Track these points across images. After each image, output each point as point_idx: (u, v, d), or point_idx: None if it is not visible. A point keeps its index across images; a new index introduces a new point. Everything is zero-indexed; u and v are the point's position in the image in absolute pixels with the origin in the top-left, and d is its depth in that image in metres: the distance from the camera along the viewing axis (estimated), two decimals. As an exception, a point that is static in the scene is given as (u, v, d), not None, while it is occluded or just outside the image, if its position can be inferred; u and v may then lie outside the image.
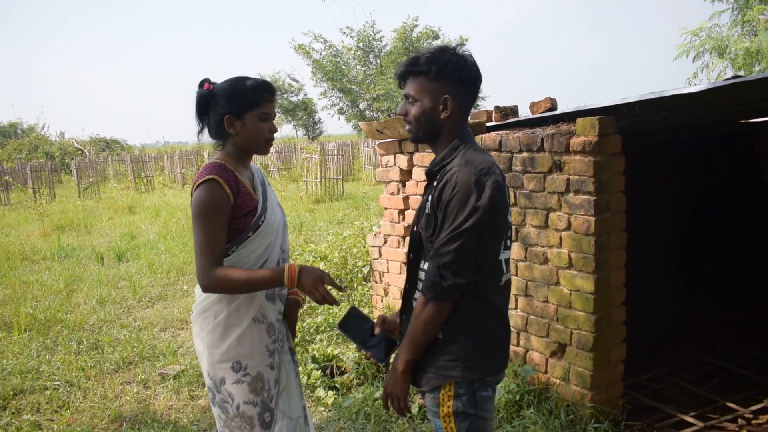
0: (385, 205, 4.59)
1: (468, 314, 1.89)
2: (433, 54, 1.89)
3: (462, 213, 1.78)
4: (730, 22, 13.33)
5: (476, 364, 1.90)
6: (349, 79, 36.13)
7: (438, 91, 1.89)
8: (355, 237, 7.34)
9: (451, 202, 1.80)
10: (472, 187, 1.79)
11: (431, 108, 1.90)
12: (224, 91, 2.18)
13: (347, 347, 4.65)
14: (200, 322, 2.24)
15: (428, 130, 1.96)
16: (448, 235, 1.80)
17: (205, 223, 2.08)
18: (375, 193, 16.42)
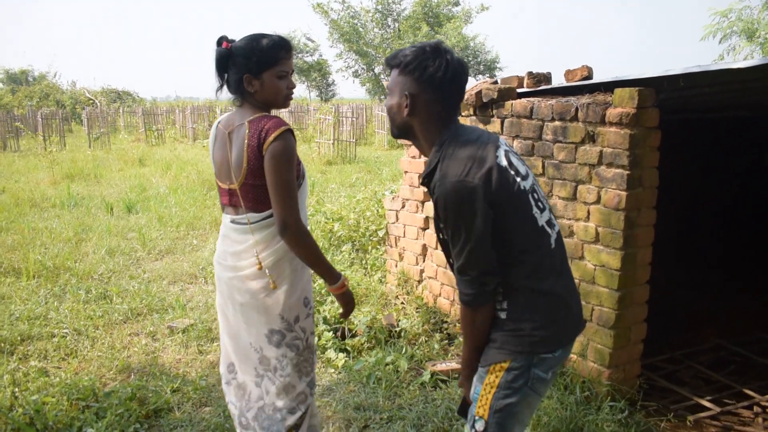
0: (406, 169, 4.48)
1: (525, 294, 1.86)
2: (408, 49, 1.86)
3: (460, 227, 1.77)
4: (762, 5, 12.96)
5: (533, 341, 1.85)
6: (366, 42, 35.63)
7: (403, 86, 1.86)
8: (368, 201, 7.23)
9: (447, 222, 1.80)
10: (456, 200, 1.75)
11: (397, 104, 1.89)
12: (241, 50, 2.22)
13: (359, 310, 4.60)
14: (277, 270, 2.29)
15: (397, 125, 1.95)
16: (458, 250, 1.80)
17: (288, 171, 2.17)
18: (388, 158, 16.29)
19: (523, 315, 1.85)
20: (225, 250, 2.36)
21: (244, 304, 2.33)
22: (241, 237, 2.30)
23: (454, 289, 4.17)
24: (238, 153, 2.23)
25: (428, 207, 4.32)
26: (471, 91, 3.68)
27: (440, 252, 4.25)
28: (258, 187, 2.23)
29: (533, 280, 1.85)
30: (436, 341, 3.99)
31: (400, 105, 1.88)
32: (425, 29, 34.16)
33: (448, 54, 1.84)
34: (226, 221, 2.37)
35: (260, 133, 2.17)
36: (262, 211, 2.26)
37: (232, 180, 2.25)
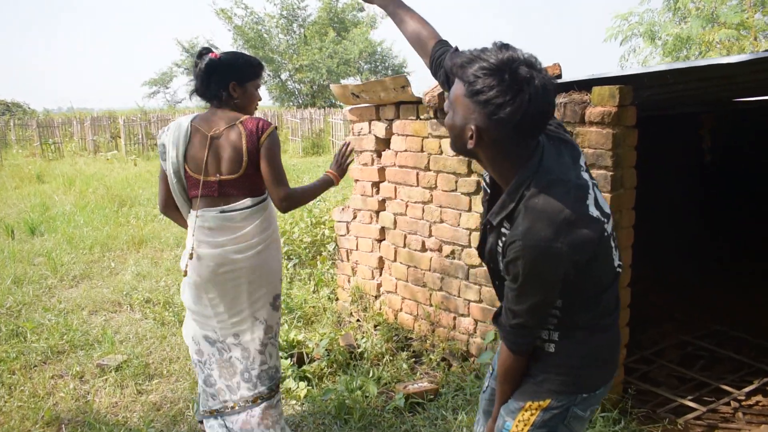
0: (356, 177, 4.19)
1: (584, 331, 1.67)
2: (485, 67, 1.45)
3: (532, 289, 1.54)
4: (662, 8, 13.64)
5: (580, 380, 1.68)
6: (272, 48, 34.92)
7: (469, 114, 1.49)
8: (299, 211, 6.89)
9: (517, 280, 1.53)
10: (539, 265, 1.49)
11: (460, 128, 1.54)
12: (230, 61, 2.64)
13: (312, 330, 4.26)
14: (273, 251, 2.76)
15: (460, 149, 1.61)
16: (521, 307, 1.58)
17: (279, 159, 2.62)
18: (305, 166, 15.90)
19: (575, 351, 1.67)
20: (230, 237, 2.61)
21: (254, 280, 2.68)
22: (246, 221, 2.62)
23: (417, 303, 3.93)
24: (235, 149, 2.56)
25: (383, 217, 4.06)
26: (432, 92, 3.45)
27: (400, 264, 4.00)
28: (254, 175, 2.60)
29: (598, 317, 1.68)
30: (403, 360, 3.73)
31: (463, 131, 1.54)
32: (332, 35, 33.94)
33: (533, 83, 1.43)
34: (210, 214, 2.61)
35: (257, 130, 2.56)
36: (257, 196, 2.65)
37: (226, 173, 2.57)
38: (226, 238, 2.60)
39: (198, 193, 2.59)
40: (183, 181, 2.64)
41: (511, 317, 1.63)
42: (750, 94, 4.03)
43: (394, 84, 3.56)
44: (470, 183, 3.46)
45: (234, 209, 2.60)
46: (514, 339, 1.66)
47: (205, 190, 2.59)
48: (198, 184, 2.59)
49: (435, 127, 3.58)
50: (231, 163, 2.56)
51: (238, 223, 2.61)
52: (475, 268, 3.54)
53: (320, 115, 22.09)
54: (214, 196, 2.60)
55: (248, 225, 2.62)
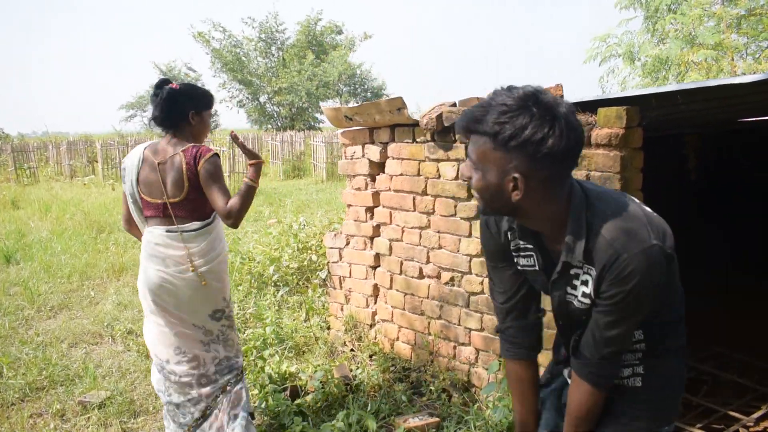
0: (349, 202, 4.07)
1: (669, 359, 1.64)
2: (507, 110, 1.35)
3: (641, 304, 1.47)
4: (642, 30, 13.84)
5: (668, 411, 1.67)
6: (250, 71, 34.88)
7: (505, 165, 1.39)
8: (285, 236, 6.75)
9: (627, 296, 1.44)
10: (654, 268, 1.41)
11: (497, 185, 1.43)
12: (189, 92, 2.92)
13: (304, 361, 4.11)
14: (222, 264, 2.98)
15: (498, 208, 1.51)
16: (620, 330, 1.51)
17: (220, 178, 2.82)
18: (286, 189, 15.78)
19: (662, 381, 1.62)
20: (166, 256, 2.83)
21: (194, 298, 2.88)
22: (178, 244, 2.84)
23: (415, 332, 3.80)
24: (177, 176, 2.81)
25: (378, 243, 3.93)
26: (430, 114, 3.36)
27: (396, 292, 3.87)
28: (196, 200, 2.84)
29: (679, 342, 1.63)
30: (401, 392, 3.59)
31: (501, 187, 1.43)
32: (311, 57, 34.02)
33: (561, 107, 1.37)
34: (158, 232, 2.85)
35: (195, 158, 2.80)
36: (203, 220, 2.89)
37: (171, 196, 2.83)
38: (172, 254, 2.84)
39: (151, 214, 2.90)
40: (138, 203, 2.93)
41: (603, 347, 1.54)
42: (755, 114, 4.01)
43: (390, 106, 3.47)
44: (470, 208, 3.36)
45: (180, 230, 2.85)
46: (602, 372, 1.57)
47: (155, 211, 2.88)
48: (150, 205, 2.89)
49: (432, 150, 3.48)
50: (174, 187, 2.83)
51: (174, 243, 2.84)
52: (476, 295, 3.42)
53: (301, 138, 21.99)
54: (161, 217, 2.87)
55: (193, 246, 2.86)
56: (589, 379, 1.57)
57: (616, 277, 1.41)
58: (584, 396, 1.59)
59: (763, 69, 11.12)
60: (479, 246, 3.36)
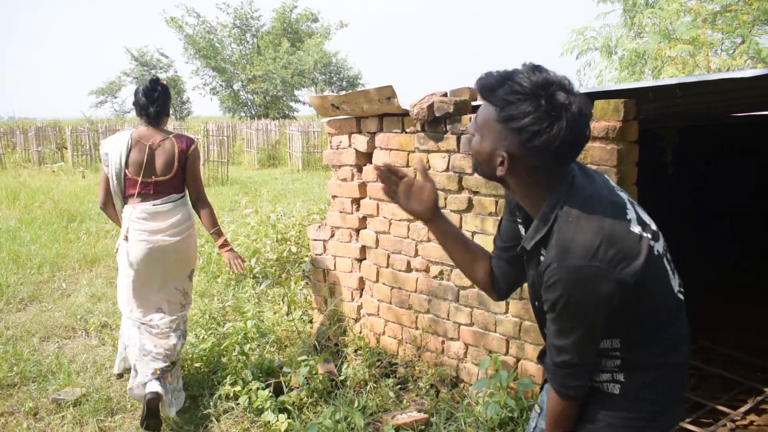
0: (334, 193, 3.97)
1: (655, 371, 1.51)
2: (518, 91, 1.34)
3: (576, 321, 1.43)
4: (620, 23, 13.91)
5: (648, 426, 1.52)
6: (224, 58, 34.38)
7: (500, 140, 1.41)
8: (264, 226, 6.62)
9: (558, 311, 1.43)
10: (580, 289, 1.37)
11: (488, 154, 1.45)
12: (169, 90, 3.55)
13: (287, 356, 4.01)
14: (192, 238, 3.51)
15: (486, 174, 1.51)
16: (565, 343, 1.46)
17: (199, 168, 3.50)
18: (261, 178, 15.58)
19: (642, 393, 1.51)
20: (166, 224, 3.37)
21: (178, 259, 3.45)
22: (172, 212, 3.40)
23: (402, 326, 3.73)
24: (168, 158, 3.38)
25: (364, 235, 3.85)
26: (421, 104, 3.27)
27: (382, 285, 3.79)
28: (178, 178, 3.44)
29: (666, 354, 1.51)
30: (389, 387, 3.51)
31: (492, 157, 1.44)
32: (286, 45, 33.64)
33: (571, 108, 1.33)
34: (147, 206, 3.36)
35: (187, 144, 3.45)
36: (180, 193, 3.48)
37: (160, 174, 3.38)
38: (159, 225, 3.36)
39: (135, 192, 3.37)
40: (122, 183, 3.38)
41: (556, 354, 1.49)
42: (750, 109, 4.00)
43: (379, 95, 3.37)
44: (461, 200, 3.28)
45: (164, 202, 3.39)
46: (562, 381, 1.51)
47: (141, 189, 3.36)
48: (135, 184, 3.36)
49: (422, 140, 3.39)
50: (165, 167, 3.38)
51: (169, 213, 3.40)
52: (465, 289, 3.36)
53: (276, 127, 21.72)
54: (149, 194, 3.38)
55: (176, 215, 3.41)
56: (552, 385, 1.55)
57: (545, 283, 1.42)
58: (552, 401, 1.57)
59: (738, 65, 11.25)
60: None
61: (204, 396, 3.62)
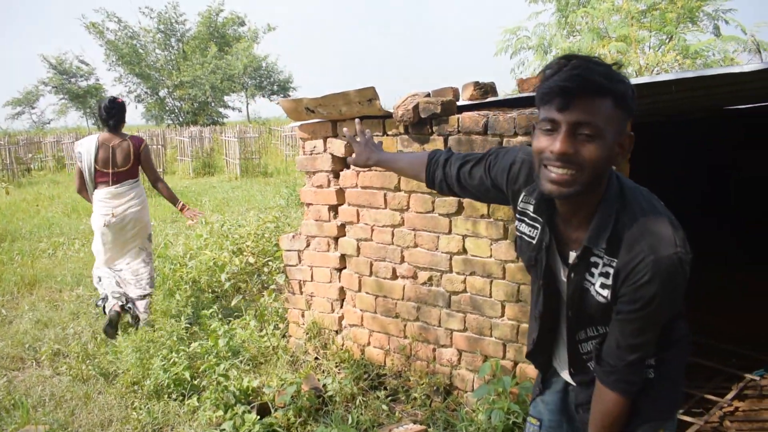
0: (309, 201, 3.80)
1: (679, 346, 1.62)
2: (611, 68, 1.35)
3: (663, 310, 1.42)
4: (554, 22, 14.23)
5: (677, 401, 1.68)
6: (149, 64, 33.24)
7: (622, 125, 1.36)
8: (215, 237, 6.34)
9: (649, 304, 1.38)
10: (678, 277, 1.36)
11: (612, 148, 1.36)
12: (124, 105, 4.83)
13: (264, 373, 3.80)
14: (145, 209, 4.87)
15: (598, 182, 1.40)
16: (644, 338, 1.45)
17: (152, 158, 4.96)
18: (199, 187, 15.08)
19: (672, 370, 1.60)
20: (123, 201, 4.68)
21: (136, 225, 4.78)
22: (128, 192, 4.71)
23: (389, 335, 3.60)
24: (126, 154, 4.69)
25: (344, 244, 3.69)
26: (405, 105, 3.16)
27: (366, 295, 3.65)
28: (133, 168, 4.74)
29: (686, 328, 1.64)
30: (380, 400, 3.37)
31: (612, 150, 1.36)
32: (214, 50, 32.88)
33: None
34: (110, 189, 4.67)
35: (138, 143, 4.76)
36: (135, 179, 4.77)
37: (120, 166, 4.67)
38: (120, 201, 4.68)
39: (102, 180, 4.67)
40: (93, 174, 4.67)
41: (629, 353, 1.46)
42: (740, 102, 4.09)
43: (360, 97, 3.23)
44: (450, 203, 3.19)
45: (123, 186, 4.70)
46: (630, 378, 1.49)
47: (108, 177, 4.66)
48: (103, 174, 4.67)
49: (407, 143, 3.28)
50: (123, 161, 4.67)
51: (128, 193, 4.72)
52: (457, 294, 3.26)
53: (209, 133, 21.11)
54: (113, 180, 4.67)
55: (131, 193, 4.74)
56: (616, 387, 1.51)
57: (636, 282, 1.36)
58: (610, 405, 1.53)
59: (667, 61, 11.69)
60: (460, 243, 3.20)
61: (181, 424, 3.38)
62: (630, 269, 1.36)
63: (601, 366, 1.52)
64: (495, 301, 3.14)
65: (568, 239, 1.53)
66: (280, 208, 9.72)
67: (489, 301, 3.16)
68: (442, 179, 1.87)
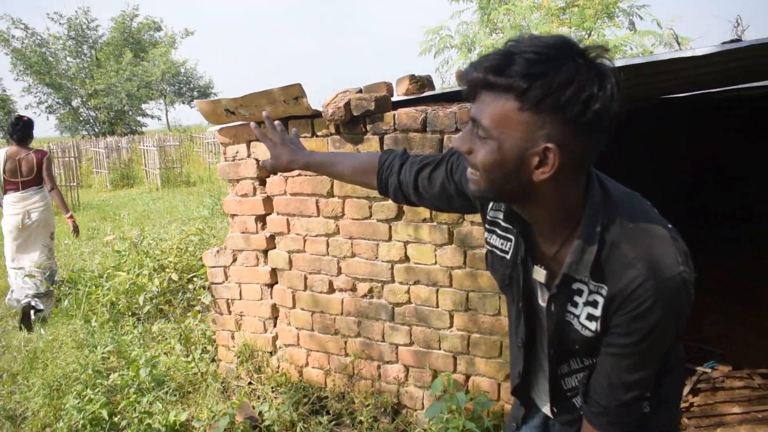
0: (233, 212, 3.46)
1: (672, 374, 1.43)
2: (542, 59, 1.02)
3: (665, 338, 1.17)
4: (476, 21, 14.27)
5: None
6: (59, 73, 31.52)
7: (534, 132, 1.06)
8: (133, 254, 5.87)
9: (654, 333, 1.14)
10: (681, 302, 1.13)
11: (516, 159, 1.09)
12: (31, 121, 5.57)
13: (192, 403, 3.44)
14: (49, 211, 5.58)
15: (506, 192, 1.16)
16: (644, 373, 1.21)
17: (53, 169, 5.74)
18: (117, 200, 14.31)
19: (669, 401, 1.44)
20: (29, 203, 5.42)
21: (40, 225, 5.47)
22: (32, 197, 5.44)
23: (328, 354, 3.31)
24: (30, 165, 5.42)
25: (274, 257, 3.38)
26: (336, 103, 2.88)
27: (301, 311, 3.34)
28: (37, 177, 5.47)
29: (678, 354, 1.46)
30: (323, 426, 3.08)
31: (522, 162, 1.08)
32: (129, 56, 31.55)
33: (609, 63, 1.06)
34: (18, 194, 5.40)
35: (41, 156, 5.49)
36: (38, 186, 5.50)
37: (26, 176, 5.41)
38: (25, 203, 5.38)
39: (10, 187, 5.38)
40: (1, 182, 5.37)
41: (624, 392, 1.22)
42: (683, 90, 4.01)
43: (285, 95, 2.93)
44: (389, 208, 2.93)
45: (28, 191, 5.40)
46: (624, 419, 1.26)
47: (15, 185, 5.38)
48: (10, 182, 5.38)
49: (339, 144, 3.00)
50: (28, 171, 5.40)
51: (33, 196, 5.43)
52: (401, 306, 3.01)
53: (127, 143, 20.13)
54: (19, 188, 5.38)
55: (36, 196, 5.43)
56: (608, 430, 1.27)
57: (635, 309, 1.13)
58: None
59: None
60: (402, 251, 2.96)
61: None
62: (625, 296, 1.12)
63: (589, 406, 1.29)
64: (442, 311, 2.91)
65: (543, 255, 1.28)
66: (204, 219, 9.23)
67: (436, 312, 2.93)
68: (397, 187, 1.58)
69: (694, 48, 2.24)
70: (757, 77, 3.45)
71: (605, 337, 1.20)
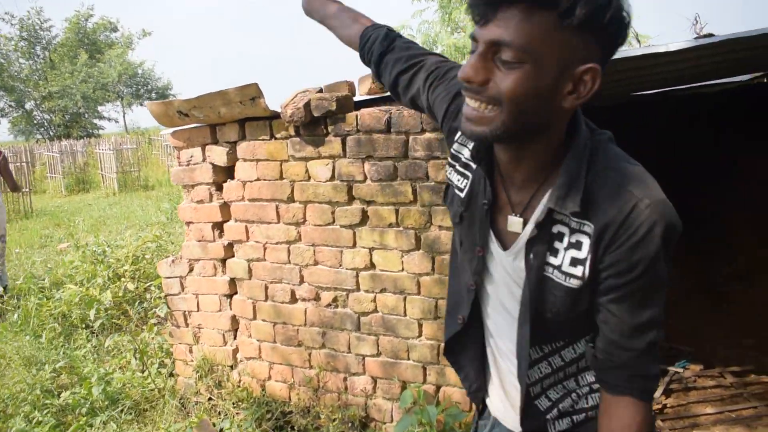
0: (189, 219, 3.28)
1: None
2: None
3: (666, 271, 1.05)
4: (438, 20, 14.22)
5: None
6: (12, 75, 30.51)
7: (575, 52, 0.96)
8: (87, 262, 5.64)
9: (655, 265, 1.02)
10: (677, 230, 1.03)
11: (553, 84, 0.97)
12: None
13: (148, 422, 3.25)
14: (2, 209, 5.77)
15: (528, 126, 1.02)
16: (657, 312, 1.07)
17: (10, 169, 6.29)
18: (72, 206, 13.86)
19: None
20: None
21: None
22: None
23: (292, 367, 3.15)
24: None
25: (233, 266, 3.21)
26: (295, 103, 2.73)
27: (262, 323, 3.18)
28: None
29: None
30: (287, 444, 2.93)
31: (555, 88, 0.97)
32: (84, 57, 30.74)
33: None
34: None
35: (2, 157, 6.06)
36: None
37: None
38: None
39: None
40: None
41: (639, 337, 1.08)
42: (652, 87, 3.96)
43: (241, 95, 2.77)
44: (353, 213, 2.80)
45: None
46: (649, 371, 1.11)
47: None
48: None
49: (298, 147, 2.85)
50: None
51: None
52: (367, 315, 2.88)
53: (82, 147, 19.55)
54: None
55: None
56: (632, 389, 1.10)
57: (633, 235, 1.01)
58: (628, 419, 1.10)
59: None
60: (367, 258, 2.82)
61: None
62: (619, 223, 1.01)
63: (606, 372, 1.13)
64: (410, 319, 2.78)
65: (506, 201, 1.15)
66: (162, 224, 8.95)
67: (404, 321, 2.80)
68: (374, 73, 1.51)
69: (668, 44, 2.16)
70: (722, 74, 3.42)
71: (599, 285, 1.07)
